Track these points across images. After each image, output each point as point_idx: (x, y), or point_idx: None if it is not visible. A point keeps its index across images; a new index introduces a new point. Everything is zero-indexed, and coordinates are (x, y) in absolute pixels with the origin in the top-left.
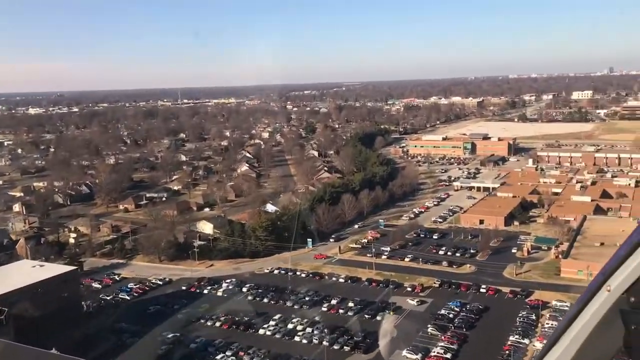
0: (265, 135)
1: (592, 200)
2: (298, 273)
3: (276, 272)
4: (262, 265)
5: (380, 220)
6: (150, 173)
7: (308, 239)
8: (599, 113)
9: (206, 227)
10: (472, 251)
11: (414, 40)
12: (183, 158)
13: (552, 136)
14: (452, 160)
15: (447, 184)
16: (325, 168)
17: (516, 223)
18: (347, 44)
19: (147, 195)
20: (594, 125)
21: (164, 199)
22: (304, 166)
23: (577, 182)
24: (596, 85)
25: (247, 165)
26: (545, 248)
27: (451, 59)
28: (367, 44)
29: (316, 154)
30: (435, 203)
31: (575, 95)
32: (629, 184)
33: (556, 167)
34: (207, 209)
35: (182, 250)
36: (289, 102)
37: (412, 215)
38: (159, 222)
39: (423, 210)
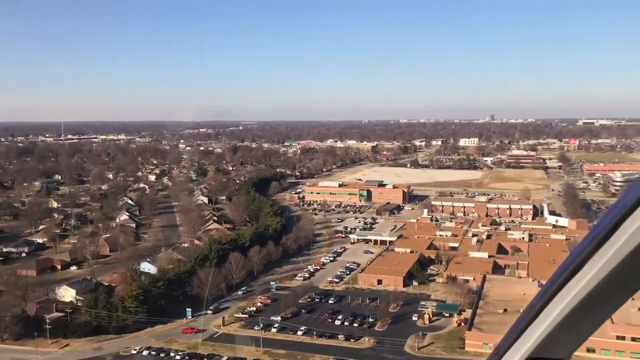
0: (152, 178)
1: (489, 257)
2: (172, 354)
3: (146, 352)
4: (130, 344)
5: (272, 283)
6: (13, 222)
7: (187, 309)
8: (485, 161)
9: (67, 294)
10: (370, 319)
11: (312, 82)
12: (54, 204)
13: (444, 183)
14: (349, 208)
15: (344, 235)
16: (215, 217)
17: (415, 283)
18: (247, 82)
19: (4, 249)
20: (483, 173)
21: (24, 254)
22: (191, 215)
23: (473, 235)
24: (481, 132)
25: (127, 214)
26: (447, 315)
27: (346, 102)
28: (265, 83)
29: (206, 200)
30: (331, 258)
31: (463, 142)
32: (523, 238)
33: (451, 219)
34: (74, 268)
35: (33, 325)
36: (182, 141)
37: (307, 275)
38: (10, 286)
39: (319, 267)
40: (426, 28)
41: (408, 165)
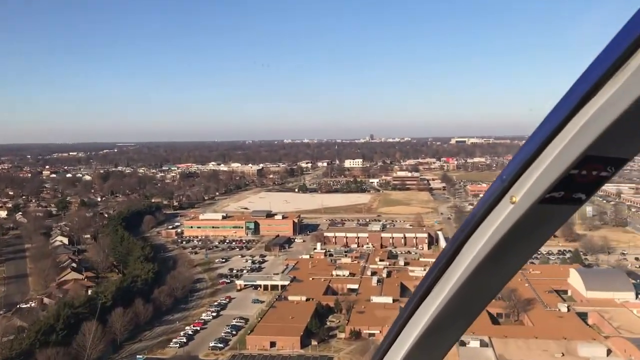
0: (3, 214)
1: (393, 301)
2: None
3: None
4: None
5: (138, 356)
6: None
7: None
8: (372, 182)
9: None
10: None
11: (193, 99)
12: None
13: (334, 209)
14: (234, 243)
15: (228, 281)
16: (74, 264)
17: (314, 342)
18: (123, 98)
19: None
20: (371, 196)
21: None
22: (44, 262)
23: (372, 273)
24: (363, 152)
25: None
26: None
27: (229, 121)
28: (144, 100)
29: (66, 240)
30: (214, 314)
31: (348, 163)
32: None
33: (345, 252)
34: None
35: None
36: (47, 167)
37: (185, 339)
38: None
39: (198, 327)
40: (302, 46)
41: (296, 190)
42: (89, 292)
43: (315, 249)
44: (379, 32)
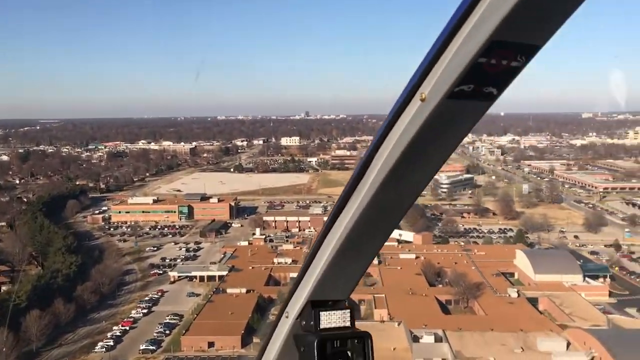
0: None
1: None
2: None
3: None
4: None
5: None
6: None
7: None
8: (310, 161)
9: None
10: None
11: (122, 72)
12: None
13: (272, 190)
14: (167, 230)
15: (161, 272)
16: None
17: (257, 340)
18: (47, 72)
19: None
20: (310, 176)
21: None
22: None
23: None
24: (299, 130)
25: None
26: None
27: (159, 96)
28: (69, 74)
29: None
30: (145, 311)
31: (284, 140)
32: None
33: (287, 238)
34: None
35: None
36: None
37: (112, 342)
38: None
39: (127, 327)
40: (234, 18)
41: (232, 170)
42: (1, 289)
43: (254, 234)
44: (311, 7)
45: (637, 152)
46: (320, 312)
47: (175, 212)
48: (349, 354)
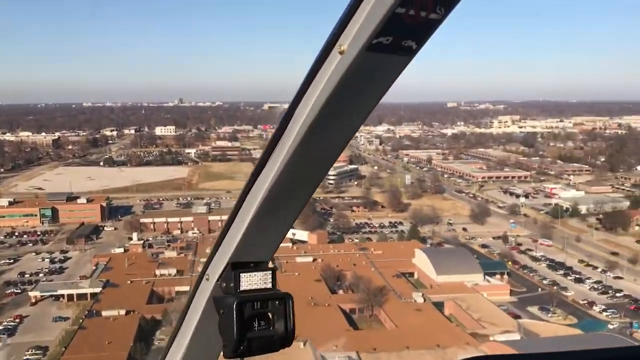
0: None
1: None
2: None
3: None
4: None
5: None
6: None
7: None
8: (188, 153)
9: None
10: None
11: None
12: None
13: (148, 186)
14: (26, 236)
15: (19, 290)
16: None
17: None
18: None
19: None
20: (190, 169)
21: None
22: None
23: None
24: (175, 118)
25: None
26: None
27: (15, 79)
28: None
29: None
30: None
31: (159, 130)
32: None
33: (168, 242)
34: None
35: None
36: None
37: None
38: None
39: None
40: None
41: (101, 164)
42: None
43: (130, 239)
44: None
45: (504, 140)
46: (241, 274)
47: (36, 215)
48: (270, 315)
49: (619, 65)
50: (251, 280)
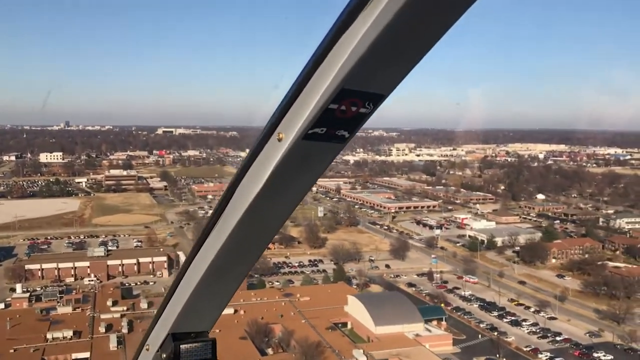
0: None
1: None
2: None
3: None
4: None
5: None
6: None
7: None
8: (79, 183)
9: None
10: None
11: None
12: None
13: (33, 222)
14: None
15: None
16: None
17: None
18: None
19: None
20: (81, 202)
21: None
22: None
23: (106, 327)
24: (62, 143)
25: None
26: None
27: None
28: None
29: None
30: None
31: (44, 157)
32: None
33: (61, 294)
34: None
35: None
36: None
37: None
38: None
39: None
40: None
41: None
42: None
43: (13, 291)
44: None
45: (407, 168)
46: (181, 345)
47: None
48: None
49: (499, 95)
50: (191, 352)
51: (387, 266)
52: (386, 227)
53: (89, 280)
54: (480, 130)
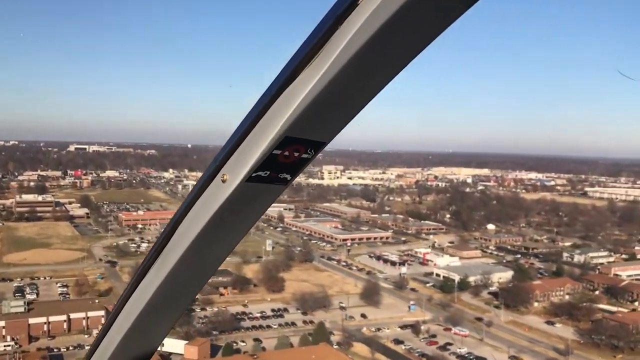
0: None
1: None
2: None
3: None
4: None
5: None
6: None
7: None
8: None
9: None
10: None
11: None
12: None
13: None
14: None
15: None
16: None
17: None
18: None
19: None
20: None
21: None
22: None
23: None
24: None
25: None
26: None
27: None
28: None
29: None
30: None
31: None
32: None
33: None
34: None
35: None
36: None
37: None
38: None
39: None
40: None
41: None
42: None
43: None
44: None
45: (345, 194)
46: None
47: None
48: None
49: (416, 119)
50: None
51: (364, 316)
52: (344, 263)
53: (4, 346)
54: (403, 152)
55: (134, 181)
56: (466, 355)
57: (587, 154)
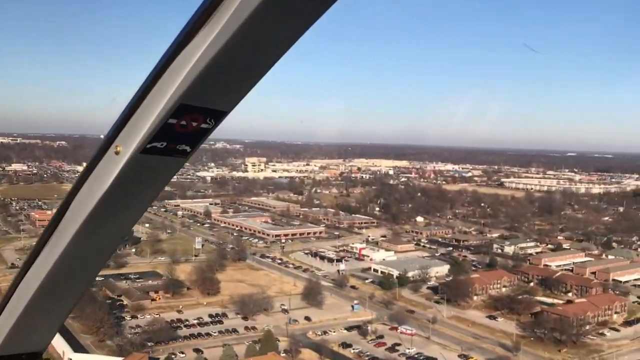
0: None
1: None
2: None
3: None
4: None
5: None
6: None
7: None
8: None
9: None
10: None
11: None
12: None
13: None
14: None
15: None
16: None
17: None
18: None
19: None
20: None
21: None
22: None
23: None
24: None
25: None
26: None
27: None
28: None
29: None
30: None
31: None
32: None
33: None
34: None
35: None
36: None
37: None
38: None
39: None
40: None
41: None
42: None
43: None
44: None
45: (271, 187)
46: None
47: None
48: None
49: (328, 110)
50: None
51: (308, 318)
52: (280, 261)
53: None
54: (323, 143)
55: (45, 175)
56: (416, 355)
57: (497, 146)
